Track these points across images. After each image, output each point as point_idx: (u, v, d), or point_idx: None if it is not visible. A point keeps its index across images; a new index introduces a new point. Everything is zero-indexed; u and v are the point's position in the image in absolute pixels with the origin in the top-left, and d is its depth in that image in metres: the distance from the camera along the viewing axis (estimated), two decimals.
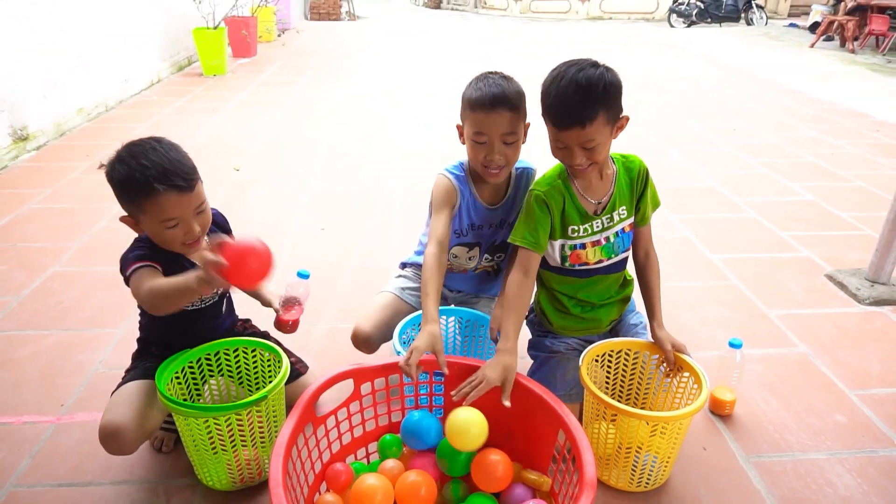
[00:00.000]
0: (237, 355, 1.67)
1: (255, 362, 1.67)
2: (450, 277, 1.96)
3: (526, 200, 1.62)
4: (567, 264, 1.65)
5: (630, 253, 1.74)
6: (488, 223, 1.83)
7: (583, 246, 1.63)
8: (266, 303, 1.80)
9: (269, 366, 1.66)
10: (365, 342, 1.82)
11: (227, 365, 1.67)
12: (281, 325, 1.77)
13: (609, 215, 1.63)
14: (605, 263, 1.67)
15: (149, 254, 1.45)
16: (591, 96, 1.42)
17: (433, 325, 1.51)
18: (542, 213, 1.58)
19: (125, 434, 1.40)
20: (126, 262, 1.45)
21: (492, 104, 1.59)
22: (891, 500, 1.57)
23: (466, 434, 1.35)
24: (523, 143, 1.70)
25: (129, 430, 1.40)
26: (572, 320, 1.75)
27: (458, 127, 1.73)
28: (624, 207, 1.65)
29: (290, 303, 1.77)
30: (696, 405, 1.44)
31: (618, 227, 1.65)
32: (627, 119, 1.54)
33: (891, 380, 2.04)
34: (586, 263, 1.65)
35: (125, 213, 1.44)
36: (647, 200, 1.69)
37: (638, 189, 1.67)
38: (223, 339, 1.64)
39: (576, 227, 1.61)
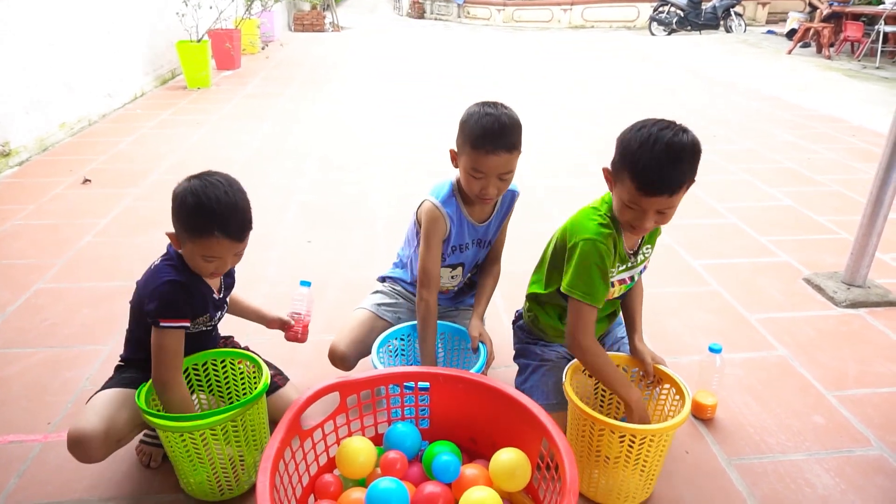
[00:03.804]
0: (224, 367, 1.68)
1: (241, 376, 1.69)
2: None
3: (581, 252, 1.51)
4: None
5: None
6: (473, 241, 1.87)
7: (613, 285, 1.61)
8: (273, 322, 1.84)
9: (253, 378, 1.67)
10: (341, 360, 1.87)
11: (217, 379, 1.69)
12: (294, 336, 1.84)
13: (636, 257, 1.64)
14: (623, 293, 1.70)
15: (188, 305, 1.48)
16: (684, 165, 1.39)
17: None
18: (601, 267, 1.51)
19: (90, 441, 1.41)
20: (168, 305, 1.45)
21: (493, 146, 1.59)
22: (867, 498, 1.61)
23: (511, 476, 1.37)
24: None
25: (94, 437, 1.42)
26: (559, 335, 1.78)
27: (451, 152, 1.74)
28: (648, 246, 1.67)
29: (298, 314, 1.84)
30: (678, 419, 1.46)
31: (641, 266, 1.68)
32: (694, 181, 1.49)
33: (867, 381, 2.09)
34: (610, 297, 1.64)
35: (172, 230, 1.48)
36: (657, 232, 1.72)
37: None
38: (207, 351, 1.66)
39: (614, 270, 1.59)
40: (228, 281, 1.69)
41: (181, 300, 1.46)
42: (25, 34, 4.32)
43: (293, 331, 1.83)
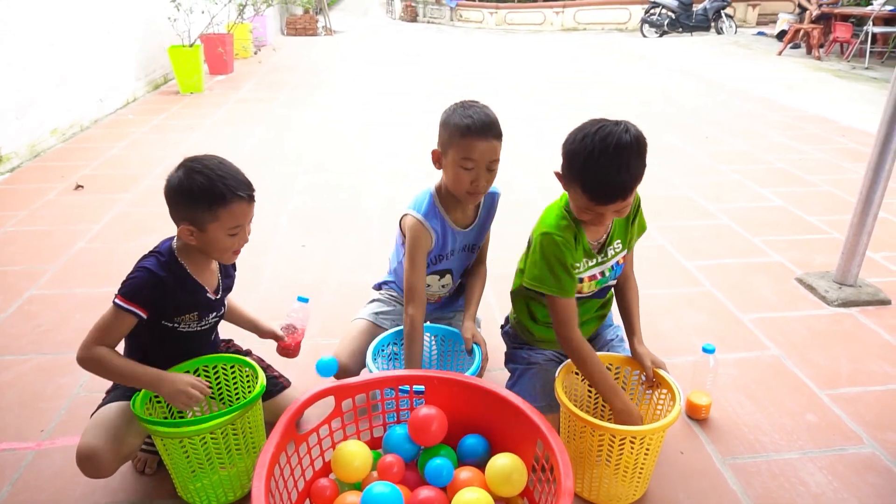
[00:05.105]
0: (217, 373, 1.68)
1: (234, 381, 1.69)
2: None
3: (540, 245, 1.56)
4: None
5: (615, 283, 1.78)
6: (460, 247, 1.87)
7: (581, 280, 1.63)
8: (265, 333, 1.83)
9: (248, 382, 1.67)
10: (344, 372, 1.85)
11: (209, 384, 1.68)
12: (285, 350, 1.82)
13: (605, 252, 1.65)
14: (595, 290, 1.71)
15: (150, 297, 1.46)
16: (632, 168, 1.39)
17: None
18: (559, 258, 1.54)
19: (101, 457, 1.41)
20: (130, 287, 1.45)
21: (483, 132, 1.64)
22: (860, 496, 1.62)
23: (507, 481, 1.38)
24: None
25: (106, 453, 1.41)
26: (551, 332, 1.79)
27: (434, 153, 1.74)
28: (619, 241, 1.68)
29: (292, 328, 1.83)
30: (668, 419, 1.48)
31: (612, 262, 1.68)
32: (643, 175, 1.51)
33: (859, 379, 2.11)
34: (580, 293, 1.67)
35: (183, 224, 1.47)
36: (636, 226, 1.72)
37: (630, 220, 1.70)
38: (202, 357, 1.65)
39: (579, 265, 1.61)
40: (227, 282, 1.69)
41: (145, 289, 1.45)
42: (16, 40, 4.30)
43: (285, 345, 1.82)
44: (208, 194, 1.42)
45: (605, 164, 1.38)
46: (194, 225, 1.46)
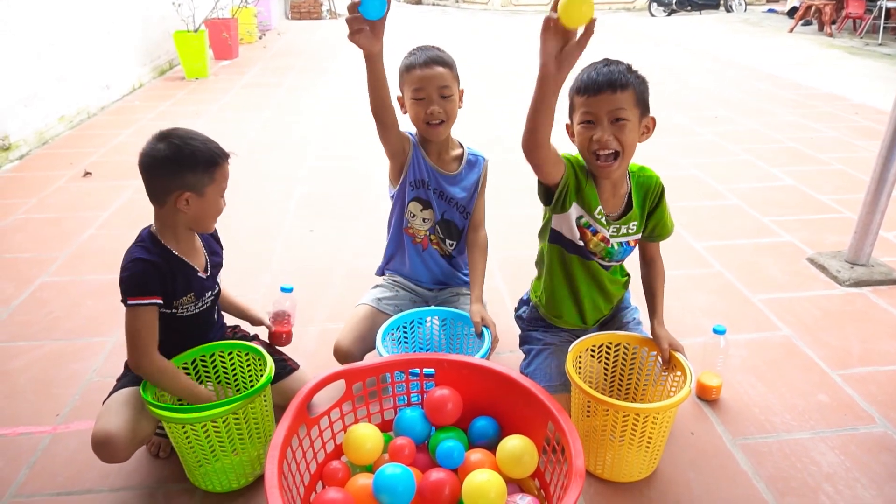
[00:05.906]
0: (232, 358, 1.69)
1: (248, 366, 1.69)
2: (414, 269, 2.04)
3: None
4: (576, 235, 1.68)
5: (623, 262, 1.78)
6: (438, 189, 1.91)
7: (594, 231, 1.64)
8: (256, 321, 1.85)
9: (260, 368, 1.68)
10: (346, 358, 1.86)
11: (223, 369, 1.69)
12: (276, 338, 1.85)
13: (618, 227, 1.66)
14: (598, 259, 1.70)
15: (158, 283, 1.48)
16: (622, 71, 1.49)
17: None
18: (573, 159, 1.57)
19: (117, 442, 1.42)
20: (135, 283, 1.45)
21: (426, 63, 1.79)
22: (872, 475, 1.62)
23: (518, 463, 1.38)
24: (460, 107, 1.85)
25: (121, 437, 1.43)
26: (564, 305, 1.78)
27: (398, 99, 1.85)
28: (634, 223, 1.68)
29: (280, 317, 1.85)
30: (679, 396, 1.48)
31: (622, 240, 1.68)
32: (654, 122, 1.56)
33: (871, 359, 2.10)
34: (586, 244, 1.67)
35: (176, 193, 1.48)
36: (657, 218, 1.71)
37: (650, 205, 1.69)
38: (214, 343, 1.66)
39: (594, 214, 1.61)
40: (215, 259, 1.68)
41: (149, 277, 1.46)
42: (23, 28, 4.29)
43: (277, 333, 1.85)
44: (205, 157, 1.47)
45: (596, 64, 1.53)
46: (193, 191, 1.47)
